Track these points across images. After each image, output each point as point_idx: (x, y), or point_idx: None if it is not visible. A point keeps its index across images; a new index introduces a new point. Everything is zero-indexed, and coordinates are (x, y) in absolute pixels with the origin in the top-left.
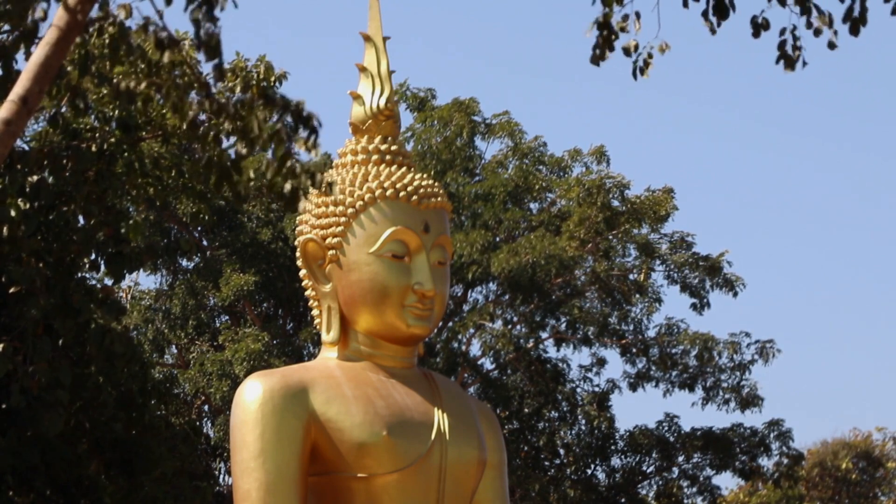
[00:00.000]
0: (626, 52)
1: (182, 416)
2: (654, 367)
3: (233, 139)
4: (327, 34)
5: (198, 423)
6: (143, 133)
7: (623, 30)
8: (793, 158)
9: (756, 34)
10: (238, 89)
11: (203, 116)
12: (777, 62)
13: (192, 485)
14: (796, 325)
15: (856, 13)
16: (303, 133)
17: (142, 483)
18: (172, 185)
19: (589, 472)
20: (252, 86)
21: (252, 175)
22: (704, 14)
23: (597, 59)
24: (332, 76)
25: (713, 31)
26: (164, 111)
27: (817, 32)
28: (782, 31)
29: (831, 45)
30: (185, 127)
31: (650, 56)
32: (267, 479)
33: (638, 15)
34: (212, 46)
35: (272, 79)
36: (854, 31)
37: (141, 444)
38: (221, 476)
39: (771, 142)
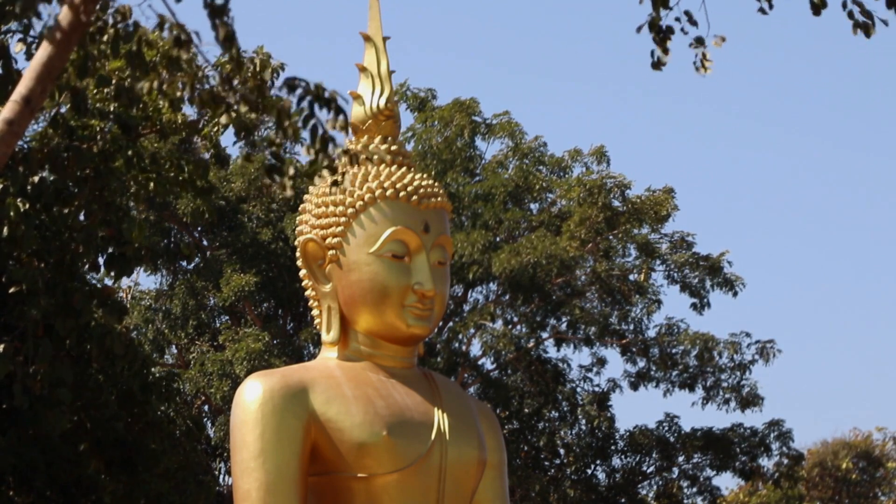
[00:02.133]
0: (694, 45)
1: (183, 416)
2: (654, 367)
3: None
4: (327, 34)
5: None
6: (141, 128)
7: (671, 31)
8: (793, 158)
9: (816, 12)
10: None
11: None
12: (855, 32)
13: (196, 479)
14: (796, 325)
15: None
16: (328, 115)
17: (144, 480)
18: (172, 181)
19: (589, 472)
20: (268, 73)
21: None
22: None
23: (658, 65)
24: (332, 76)
25: (764, 12)
26: (161, 108)
27: None
28: (844, 5)
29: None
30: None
31: (705, 56)
32: (267, 479)
33: (689, 14)
34: (226, 37)
35: (269, 71)
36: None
37: (142, 441)
38: (221, 476)
39: (771, 142)
